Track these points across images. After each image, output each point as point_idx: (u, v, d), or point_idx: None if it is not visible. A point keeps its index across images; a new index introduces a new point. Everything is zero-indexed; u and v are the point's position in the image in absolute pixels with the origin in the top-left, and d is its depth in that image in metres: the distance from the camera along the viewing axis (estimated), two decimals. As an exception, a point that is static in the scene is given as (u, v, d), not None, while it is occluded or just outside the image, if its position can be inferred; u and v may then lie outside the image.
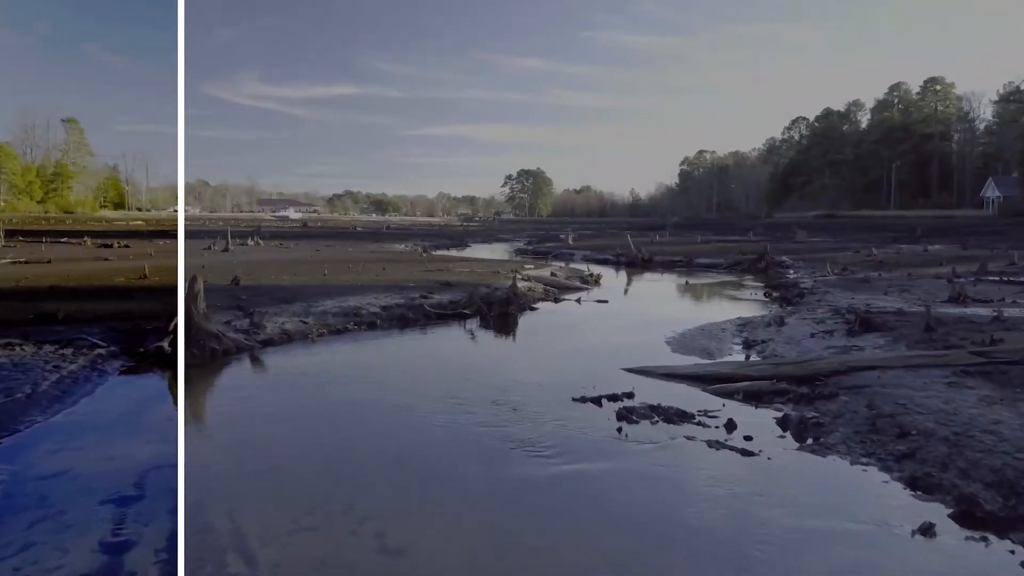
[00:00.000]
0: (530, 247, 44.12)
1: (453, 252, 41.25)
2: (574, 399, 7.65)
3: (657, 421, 6.86)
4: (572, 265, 28.50)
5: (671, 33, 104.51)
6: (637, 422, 6.83)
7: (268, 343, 10.84)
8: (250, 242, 37.04)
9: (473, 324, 13.77)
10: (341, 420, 7.16)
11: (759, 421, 6.89)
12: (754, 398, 7.70)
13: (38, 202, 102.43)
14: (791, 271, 26.12)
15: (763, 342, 10.79)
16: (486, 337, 12.61)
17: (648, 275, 26.67)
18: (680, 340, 11.47)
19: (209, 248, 30.90)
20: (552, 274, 21.15)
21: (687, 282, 22.56)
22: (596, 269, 25.77)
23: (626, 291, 21.68)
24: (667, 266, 29.27)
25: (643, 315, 15.51)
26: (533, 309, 15.51)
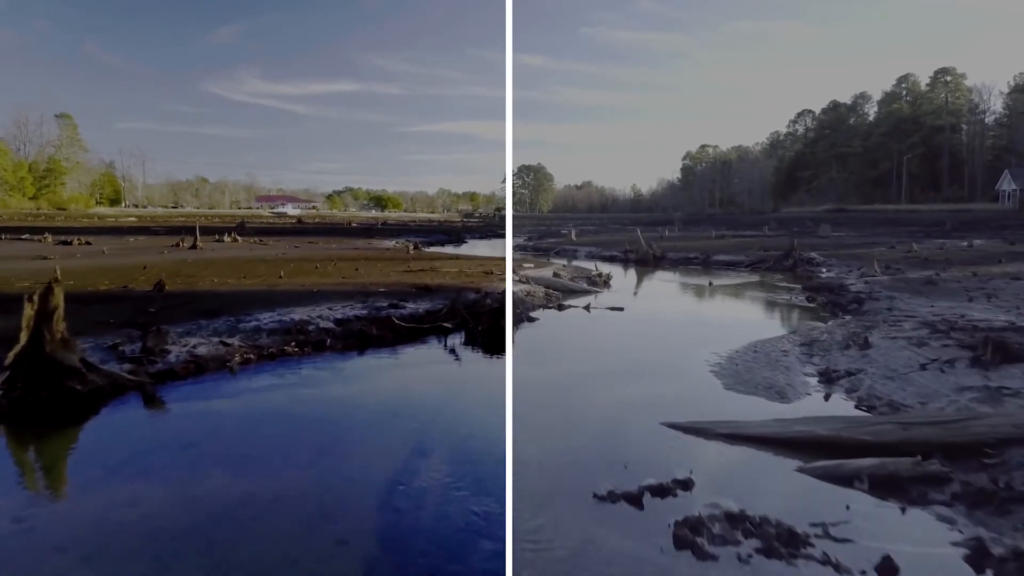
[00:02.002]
0: (530, 243, 41.03)
1: (448, 249, 38.46)
2: (596, 496, 4.65)
3: (750, 556, 3.86)
4: (576, 263, 25.53)
5: (671, 29, 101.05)
6: (714, 558, 3.83)
7: (167, 376, 7.86)
8: (226, 238, 34.23)
9: (456, 340, 10.81)
10: (210, 546, 4.13)
11: (929, 555, 3.89)
12: (891, 489, 4.70)
13: (30, 198, 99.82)
14: (823, 269, 23.18)
15: (849, 374, 7.78)
16: (469, 362, 9.61)
17: (661, 274, 23.67)
18: (731, 368, 8.47)
19: (177, 245, 28.06)
20: (555, 274, 18.16)
21: (710, 283, 19.54)
22: (603, 267, 22.81)
23: (642, 294, 18.67)
24: (681, 264, 26.29)
25: (670, 328, 12.50)
26: (531, 320, 12.51)
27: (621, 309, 13.97)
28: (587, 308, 14.04)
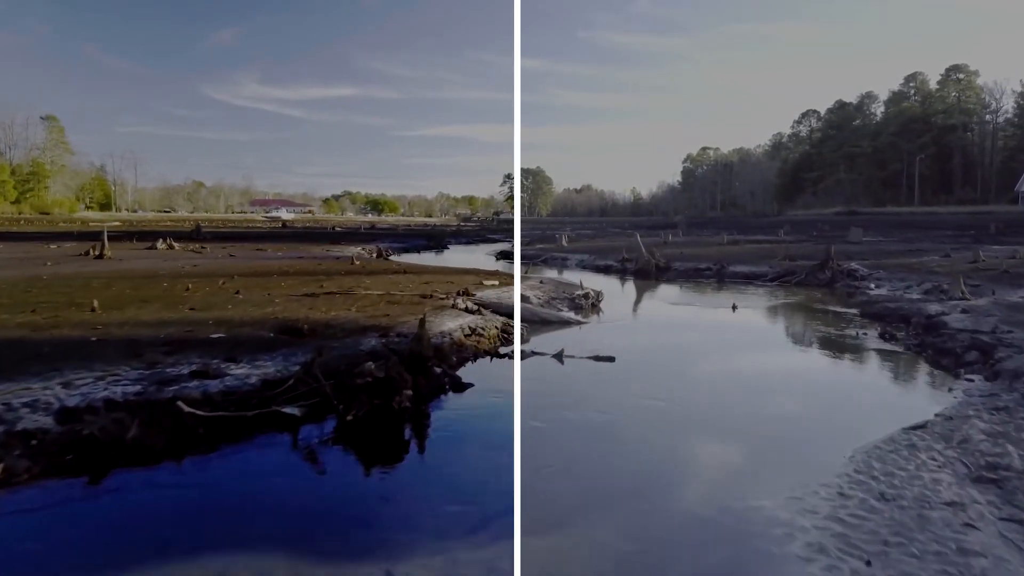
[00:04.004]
0: (513, 250, 36.07)
1: (423, 257, 33.82)
2: None
3: None
4: (564, 274, 20.66)
5: (670, 31, 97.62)
6: None
7: None
8: (160, 245, 29.87)
9: (318, 435, 5.91)
10: None
11: None
12: None
13: (12, 202, 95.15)
14: (871, 284, 18.33)
15: None
16: (300, 517, 4.64)
17: (667, 290, 18.79)
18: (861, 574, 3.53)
19: (86, 254, 23.32)
20: (523, 297, 13.20)
21: (734, 307, 14.60)
22: (595, 280, 17.96)
23: (644, 326, 13.74)
24: (690, 276, 21.41)
25: (691, 406, 7.45)
26: (460, 388, 7.48)
27: (612, 359, 8.99)
28: (559, 357, 9.07)
